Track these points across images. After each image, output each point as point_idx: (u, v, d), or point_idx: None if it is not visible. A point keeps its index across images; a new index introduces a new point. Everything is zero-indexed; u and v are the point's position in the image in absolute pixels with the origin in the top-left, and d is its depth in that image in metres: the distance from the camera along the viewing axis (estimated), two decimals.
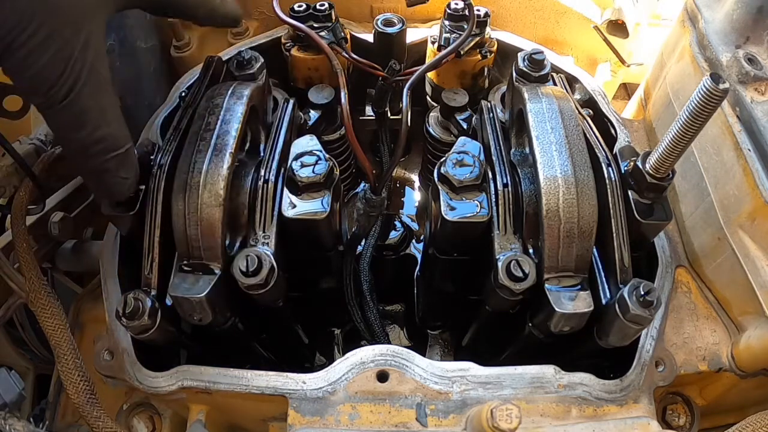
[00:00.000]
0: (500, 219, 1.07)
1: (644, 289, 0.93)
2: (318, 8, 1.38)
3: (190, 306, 0.99)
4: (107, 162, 0.90)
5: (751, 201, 1.08)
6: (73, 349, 1.09)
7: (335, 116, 1.39)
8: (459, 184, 1.08)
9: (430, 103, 1.51)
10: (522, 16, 1.81)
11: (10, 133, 1.23)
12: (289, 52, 1.40)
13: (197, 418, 1.13)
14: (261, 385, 1.06)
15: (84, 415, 1.04)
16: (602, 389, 1.06)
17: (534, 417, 1.03)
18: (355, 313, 1.40)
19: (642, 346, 1.11)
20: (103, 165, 0.90)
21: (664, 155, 0.98)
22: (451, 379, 1.05)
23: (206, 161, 1.00)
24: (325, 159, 1.10)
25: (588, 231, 0.98)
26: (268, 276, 0.98)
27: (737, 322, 1.20)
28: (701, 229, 1.25)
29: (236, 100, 1.09)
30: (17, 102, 1.22)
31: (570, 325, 1.00)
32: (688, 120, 0.91)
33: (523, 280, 0.98)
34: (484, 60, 1.40)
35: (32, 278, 1.16)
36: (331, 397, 1.04)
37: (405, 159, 1.73)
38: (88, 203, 1.47)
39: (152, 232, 1.03)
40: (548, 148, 1.01)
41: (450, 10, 1.38)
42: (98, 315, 1.38)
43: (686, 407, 1.27)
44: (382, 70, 1.36)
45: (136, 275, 1.06)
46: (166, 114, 1.27)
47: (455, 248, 1.16)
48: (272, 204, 1.08)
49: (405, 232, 1.58)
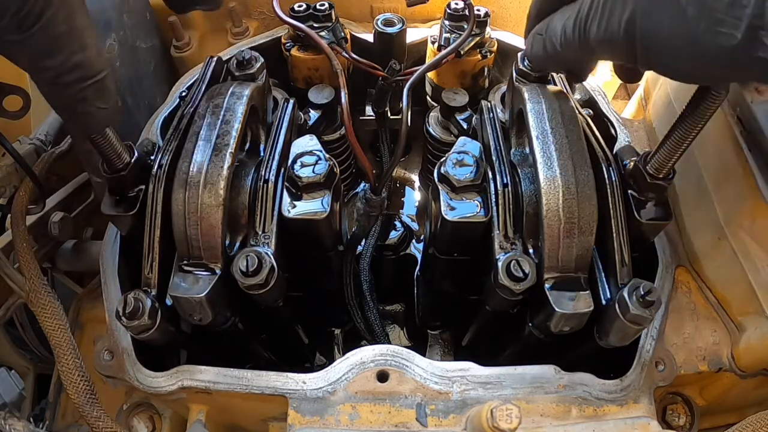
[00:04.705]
0: (500, 219, 1.07)
1: (644, 289, 0.93)
2: (318, 8, 1.38)
3: (190, 306, 0.99)
4: (83, 90, 0.83)
5: (751, 201, 1.08)
6: (73, 349, 1.09)
7: (335, 116, 1.39)
8: (459, 184, 1.08)
9: (430, 103, 1.51)
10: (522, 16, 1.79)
11: (10, 133, 1.23)
12: (289, 52, 1.40)
13: (197, 418, 1.13)
14: (261, 385, 1.05)
15: (84, 415, 1.04)
16: (602, 389, 1.06)
17: (534, 417, 1.03)
18: (355, 313, 1.40)
19: (642, 346, 1.11)
20: (79, 94, 0.83)
21: (664, 155, 0.98)
22: (451, 379, 1.05)
23: (206, 161, 1.00)
24: (325, 159, 1.10)
25: (588, 231, 0.98)
26: (268, 276, 0.98)
27: (737, 322, 1.20)
28: (701, 229, 1.25)
29: (236, 100, 1.09)
30: (17, 102, 1.22)
31: (570, 325, 1.00)
32: (688, 120, 0.91)
33: (523, 280, 0.98)
34: (484, 60, 1.40)
35: (32, 278, 1.16)
36: (331, 397, 1.04)
37: (405, 159, 1.73)
38: (88, 203, 1.47)
39: (152, 232, 1.03)
40: (548, 148, 1.01)
41: (450, 10, 1.38)
42: (98, 315, 1.39)
43: (686, 407, 1.27)
44: (382, 70, 1.36)
45: (136, 275, 1.06)
46: (166, 114, 1.27)
47: (455, 248, 1.16)
48: (272, 204, 1.08)
49: (405, 232, 1.58)
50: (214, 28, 1.77)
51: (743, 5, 0.61)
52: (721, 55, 0.67)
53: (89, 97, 0.85)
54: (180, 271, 1.01)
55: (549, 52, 0.94)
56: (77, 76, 0.82)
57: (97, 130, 0.95)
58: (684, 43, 0.69)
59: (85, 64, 0.81)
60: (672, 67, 0.77)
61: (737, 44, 0.63)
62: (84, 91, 0.83)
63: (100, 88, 0.85)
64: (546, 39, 0.94)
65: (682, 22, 0.67)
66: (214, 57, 1.28)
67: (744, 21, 0.62)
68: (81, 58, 0.81)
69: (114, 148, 0.98)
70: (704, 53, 0.68)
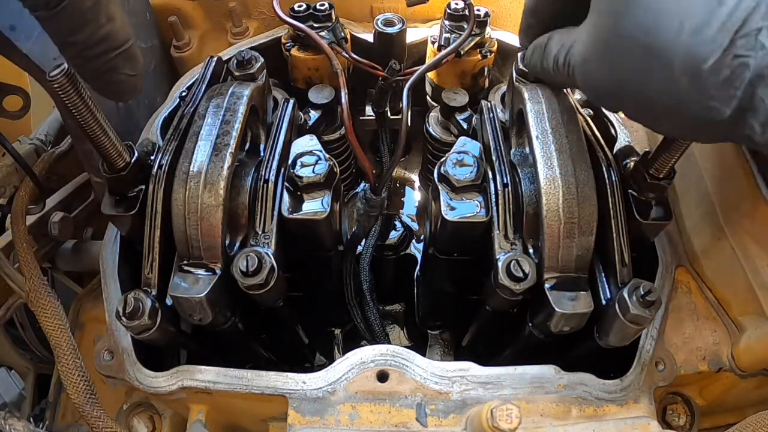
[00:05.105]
0: (500, 219, 1.07)
1: (644, 289, 0.93)
2: (318, 8, 1.38)
3: (190, 306, 0.99)
4: (112, 60, 0.86)
5: (751, 201, 1.08)
6: (73, 349, 1.09)
7: (335, 116, 1.39)
8: (459, 184, 1.08)
9: (430, 103, 1.51)
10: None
11: (10, 133, 1.24)
12: (289, 52, 1.40)
13: (197, 418, 1.13)
14: (261, 385, 1.06)
15: (84, 415, 1.04)
16: (602, 389, 1.06)
17: (534, 417, 1.03)
18: (355, 313, 1.40)
19: (642, 346, 1.11)
20: (109, 64, 0.86)
21: (664, 155, 0.98)
22: (451, 379, 1.05)
23: (206, 161, 1.00)
24: (325, 159, 1.10)
25: (588, 231, 0.98)
26: (268, 276, 0.98)
27: (737, 322, 1.20)
28: (701, 229, 1.25)
29: (236, 100, 1.09)
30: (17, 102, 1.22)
31: (570, 325, 1.00)
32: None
33: (523, 280, 0.98)
34: (484, 60, 1.40)
35: (32, 278, 1.16)
36: (331, 397, 1.04)
37: (405, 159, 1.73)
38: (88, 203, 1.47)
39: (152, 232, 1.03)
40: (548, 148, 1.01)
41: (450, 10, 1.38)
42: (98, 315, 1.39)
43: (686, 407, 1.27)
44: (382, 70, 1.36)
45: (136, 275, 1.06)
46: (166, 114, 1.27)
47: (455, 248, 1.16)
48: (272, 204, 1.08)
49: (405, 232, 1.58)
50: (214, 28, 1.77)
51: (735, 87, 0.63)
52: (707, 125, 0.68)
53: (119, 66, 0.87)
54: (180, 271, 1.01)
55: (544, 68, 0.96)
56: (105, 47, 0.84)
57: (129, 97, 0.96)
58: (672, 109, 0.71)
59: (111, 35, 0.83)
60: (657, 124, 0.79)
61: (725, 119, 0.65)
62: (113, 61, 0.85)
63: (128, 56, 0.87)
64: (543, 58, 0.96)
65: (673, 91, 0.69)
66: (214, 57, 1.28)
67: (735, 100, 0.63)
68: (108, 29, 0.83)
69: (114, 148, 0.98)
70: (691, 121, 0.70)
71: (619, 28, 0.73)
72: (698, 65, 0.64)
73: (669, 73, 0.67)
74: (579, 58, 0.85)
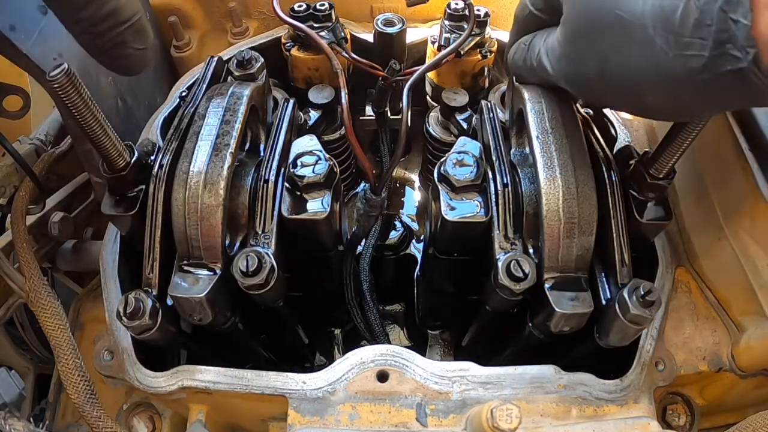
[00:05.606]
0: (500, 219, 1.07)
1: (644, 289, 0.93)
2: (318, 8, 1.38)
3: (190, 306, 0.99)
4: (120, 35, 0.86)
5: (751, 201, 1.08)
6: (73, 349, 1.09)
7: (335, 116, 1.39)
8: (459, 184, 1.08)
9: (430, 103, 1.51)
10: None
11: (10, 133, 1.23)
12: (289, 52, 1.40)
13: (197, 418, 1.13)
14: (261, 385, 1.06)
15: (84, 415, 1.04)
16: (602, 389, 1.06)
17: (534, 417, 1.03)
18: (355, 313, 1.40)
19: (642, 346, 1.11)
20: (117, 38, 0.87)
21: (665, 155, 0.98)
22: (451, 379, 1.05)
23: (206, 161, 1.00)
24: (325, 159, 1.09)
25: (588, 231, 0.98)
26: (268, 276, 0.98)
27: (737, 322, 1.20)
28: (701, 229, 1.25)
29: (236, 100, 1.09)
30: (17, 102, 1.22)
31: (570, 325, 1.00)
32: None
33: (523, 280, 0.98)
34: (484, 60, 1.40)
35: (32, 278, 1.16)
36: (331, 397, 1.04)
37: (405, 159, 1.73)
38: (88, 203, 1.47)
39: (153, 232, 1.03)
40: (548, 148, 1.01)
41: (450, 10, 1.38)
42: (98, 315, 1.38)
43: (686, 407, 1.27)
44: (382, 70, 1.36)
45: (136, 275, 1.06)
46: (166, 114, 1.27)
47: (455, 248, 1.16)
48: (272, 204, 1.08)
49: (405, 232, 1.58)
50: (214, 28, 1.77)
51: (707, 24, 0.63)
52: (691, 80, 0.68)
53: (127, 40, 0.88)
54: (180, 271, 1.00)
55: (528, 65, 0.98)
56: (112, 22, 0.84)
57: (139, 71, 0.97)
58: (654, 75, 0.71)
59: (117, 10, 0.84)
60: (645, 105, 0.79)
61: (706, 63, 0.65)
62: (121, 36, 0.86)
63: (136, 30, 0.88)
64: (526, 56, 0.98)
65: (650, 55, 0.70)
66: (214, 57, 1.28)
67: (710, 39, 0.64)
68: (114, 5, 0.84)
69: (114, 148, 0.98)
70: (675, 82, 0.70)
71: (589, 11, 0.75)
72: (669, 18, 0.66)
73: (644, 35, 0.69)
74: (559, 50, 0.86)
